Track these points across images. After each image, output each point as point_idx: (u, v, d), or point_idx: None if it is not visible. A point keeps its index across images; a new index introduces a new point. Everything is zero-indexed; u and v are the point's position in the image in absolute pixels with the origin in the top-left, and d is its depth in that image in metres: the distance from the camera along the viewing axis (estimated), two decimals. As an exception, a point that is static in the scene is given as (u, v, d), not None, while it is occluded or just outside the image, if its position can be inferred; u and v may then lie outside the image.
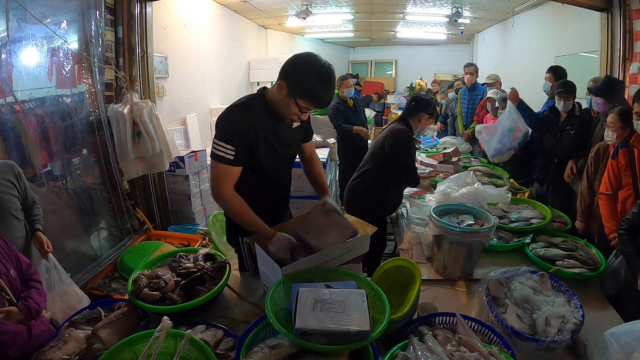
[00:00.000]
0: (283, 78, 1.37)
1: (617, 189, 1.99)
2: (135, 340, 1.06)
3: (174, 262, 1.51)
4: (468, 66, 4.55)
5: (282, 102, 1.39)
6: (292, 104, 1.38)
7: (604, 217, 2.02)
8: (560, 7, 4.22)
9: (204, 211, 3.81)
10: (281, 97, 1.38)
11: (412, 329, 1.23)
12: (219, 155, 1.38)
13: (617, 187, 1.99)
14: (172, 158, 3.25)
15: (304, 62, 1.36)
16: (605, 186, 2.03)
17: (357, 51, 11.34)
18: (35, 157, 2.38)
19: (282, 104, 1.40)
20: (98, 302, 1.39)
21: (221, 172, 1.40)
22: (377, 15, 6.55)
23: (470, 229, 1.67)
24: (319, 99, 1.36)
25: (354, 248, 1.38)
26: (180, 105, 4.24)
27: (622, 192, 1.96)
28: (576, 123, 2.79)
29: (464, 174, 2.72)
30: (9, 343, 1.22)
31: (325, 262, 1.30)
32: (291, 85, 1.35)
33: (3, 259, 1.39)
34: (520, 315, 1.27)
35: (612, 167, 2.00)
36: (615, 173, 1.99)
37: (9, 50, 2.21)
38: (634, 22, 3.15)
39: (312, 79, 1.33)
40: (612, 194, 2.00)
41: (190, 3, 4.35)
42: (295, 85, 1.35)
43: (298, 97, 1.36)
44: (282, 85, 1.36)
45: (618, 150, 1.97)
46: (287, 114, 1.43)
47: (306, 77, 1.33)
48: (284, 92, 1.36)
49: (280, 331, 0.98)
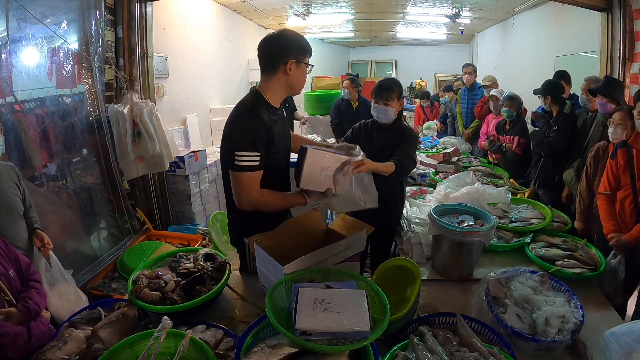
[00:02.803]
0: (285, 58, 1.43)
1: (615, 189, 1.99)
2: (135, 340, 1.06)
3: (174, 262, 1.51)
4: (467, 66, 4.56)
5: (297, 75, 1.48)
6: (303, 67, 1.49)
7: (602, 217, 2.02)
8: (560, 7, 4.22)
9: (204, 211, 3.81)
10: (294, 72, 1.46)
11: (412, 329, 1.23)
12: (245, 165, 1.39)
13: (615, 187, 1.99)
14: (172, 158, 3.25)
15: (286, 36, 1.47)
16: (604, 186, 2.03)
17: (357, 51, 11.34)
18: (35, 157, 2.38)
19: (298, 77, 1.49)
20: (98, 302, 1.39)
21: (250, 180, 1.41)
22: (377, 15, 6.55)
23: (470, 229, 1.67)
24: (310, 47, 1.51)
25: (351, 245, 1.40)
26: (180, 105, 4.24)
27: (620, 193, 1.96)
28: (560, 120, 2.89)
29: (464, 174, 2.72)
30: (9, 344, 1.22)
31: (324, 259, 1.32)
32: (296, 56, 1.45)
33: (2, 259, 1.39)
34: (520, 315, 1.27)
35: (611, 167, 2.00)
36: (614, 173, 1.99)
37: (9, 50, 2.21)
38: (634, 22, 3.15)
39: (299, 39, 1.48)
40: (610, 194, 2.00)
41: (190, 3, 4.36)
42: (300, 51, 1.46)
43: (304, 58, 1.48)
44: (291, 64, 1.44)
45: (617, 150, 1.97)
46: (303, 82, 1.53)
47: (296, 41, 1.46)
48: (294, 66, 1.45)
49: (280, 331, 0.98)
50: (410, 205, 2.47)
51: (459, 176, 2.68)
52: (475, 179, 2.67)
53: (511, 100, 3.40)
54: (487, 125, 3.94)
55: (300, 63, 1.47)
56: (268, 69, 1.47)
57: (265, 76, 1.50)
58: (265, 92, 1.49)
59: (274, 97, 1.51)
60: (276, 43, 1.45)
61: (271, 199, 1.50)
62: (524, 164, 3.40)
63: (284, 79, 1.47)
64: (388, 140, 2.05)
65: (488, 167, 3.36)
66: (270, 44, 1.46)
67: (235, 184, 1.44)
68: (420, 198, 2.66)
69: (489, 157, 3.77)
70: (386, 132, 2.08)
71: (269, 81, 1.49)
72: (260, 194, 1.46)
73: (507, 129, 3.49)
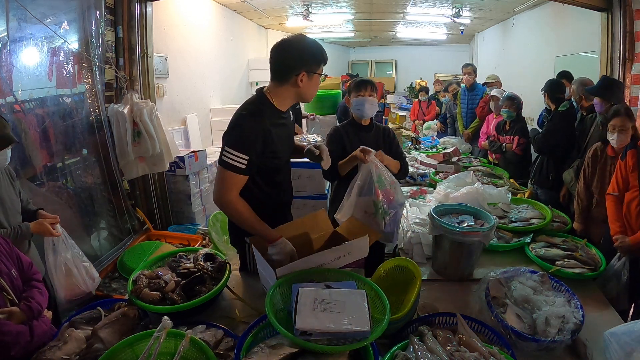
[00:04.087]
0: (298, 69, 1.39)
1: (624, 191, 1.96)
2: (135, 340, 1.06)
3: (174, 262, 1.51)
4: (466, 66, 4.56)
5: (309, 87, 1.45)
6: (316, 78, 1.45)
7: (609, 218, 1.98)
8: (560, 7, 4.21)
9: (204, 211, 3.80)
10: (305, 84, 1.42)
11: (412, 329, 1.23)
12: (230, 163, 1.37)
13: (624, 188, 1.96)
14: (172, 158, 3.25)
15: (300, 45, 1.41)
16: (613, 187, 2.00)
17: (357, 51, 11.33)
18: (35, 157, 2.38)
19: (310, 88, 1.46)
20: (98, 302, 1.40)
21: (230, 179, 1.39)
22: (377, 15, 6.54)
23: (470, 229, 1.67)
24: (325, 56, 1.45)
25: (352, 251, 1.36)
26: (180, 105, 4.24)
27: (628, 194, 1.93)
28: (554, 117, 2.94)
29: (464, 174, 2.72)
30: (12, 343, 1.22)
31: (322, 264, 1.29)
32: (308, 68, 1.41)
33: (4, 258, 1.38)
34: (520, 315, 1.27)
35: (621, 169, 1.97)
36: (623, 175, 1.95)
37: (9, 50, 2.21)
38: (634, 22, 3.15)
39: (313, 48, 1.42)
40: (619, 195, 1.97)
41: (190, 3, 4.35)
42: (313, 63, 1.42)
43: (317, 69, 1.44)
44: (303, 75, 1.40)
45: (626, 151, 1.95)
46: (314, 92, 1.49)
47: (310, 51, 1.41)
48: (305, 78, 1.41)
49: (280, 331, 0.98)
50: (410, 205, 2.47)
51: (459, 176, 2.68)
52: (475, 179, 2.68)
53: (511, 101, 3.40)
54: (487, 125, 3.94)
55: (313, 74, 1.42)
56: (278, 78, 1.44)
57: (274, 83, 1.46)
58: (272, 96, 1.46)
59: (281, 103, 1.48)
60: (289, 52, 1.40)
61: (244, 212, 1.41)
62: (524, 164, 3.40)
63: (293, 90, 1.44)
64: (377, 139, 2.04)
65: (488, 167, 3.36)
66: (282, 51, 1.41)
67: (217, 177, 1.44)
68: (420, 198, 2.67)
69: (489, 157, 3.77)
70: (371, 130, 2.06)
71: (278, 88, 1.45)
72: (234, 200, 1.40)
73: (507, 129, 3.49)
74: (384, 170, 1.72)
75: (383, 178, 1.69)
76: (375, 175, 1.67)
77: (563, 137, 2.88)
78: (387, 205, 1.69)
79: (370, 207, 1.70)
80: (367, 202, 1.70)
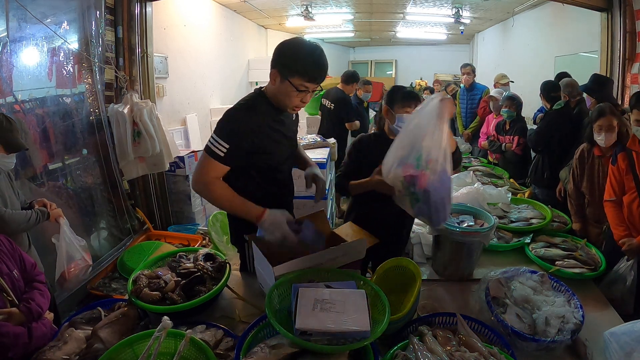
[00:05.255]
0: (273, 66, 1.37)
1: (621, 195, 1.95)
2: (135, 340, 1.06)
3: (174, 262, 1.51)
4: (465, 66, 4.56)
5: (280, 91, 1.38)
6: (289, 87, 1.34)
7: (611, 224, 1.97)
8: (560, 7, 4.21)
9: (204, 211, 3.81)
10: (277, 85, 1.37)
11: (412, 329, 1.23)
12: (211, 149, 1.38)
13: (620, 192, 1.95)
14: (172, 158, 3.25)
15: (287, 45, 1.37)
16: (609, 193, 1.99)
17: (357, 51, 11.33)
18: (36, 157, 2.38)
19: (281, 93, 1.38)
20: (98, 302, 1.39)
21: (207, 164, 1.39)
22: (377, 15, 6.55)
23: (470, 229, 1.67)
24: (311, 71, 1.33)
25: (349, 252, 1.34)
26: (180, 105, 4.24)
27: (626, 197, 1.92)
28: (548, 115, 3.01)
29: (464, 174, 2.72)
30: (10, 345, 1.22)
31: (319, 263, 1.28)
32: (281, 69, 1.34)
33: (6, 258, 1.38)
34: (520, 315, 1.27)
35: (614, 173, 1.96)
36: (617, 179, 1.95)
37: (9, 50, 2.22)
38: (635, 22, 3.15)
39: (298, 54, 1.33)
40: (616, 199, 1.96)
41: (190, 3, 4.35)
42: (286, 66, 1.34)
43: (290, 77, 1.33)
44: (274, 73, 1.36)
45: (617, 155, 1.94)
46: (288, 102, 1.40)
47: (292, 55, 1.34)
48: (278, 79, 1.36)
49: (280, 331, 0.98)
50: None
51: (459, 176, 2.68)
52: (475, 179, 2.68)
53: (511, 101, 3.41)
54: (487, 125, 3.95)
55: (285, 80, 1.34)
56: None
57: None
58: (267, 93, 1.47)
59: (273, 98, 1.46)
60: (277, 48, 1.39)
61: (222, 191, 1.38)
62: (524, 164, 3.40)
63: (270, 87, 1.43)
64: None
65: (488, 167, 3.36)
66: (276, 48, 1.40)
67: (197, 163, 1.45)
68: (420, 198, 2.66)
69: (489, 157, 3.77)
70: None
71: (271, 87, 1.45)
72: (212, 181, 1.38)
73: (507, 129, 3.49)
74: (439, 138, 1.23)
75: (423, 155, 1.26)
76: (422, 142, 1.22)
77: (557, 134, 2.89)
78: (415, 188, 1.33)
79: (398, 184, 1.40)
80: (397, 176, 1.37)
